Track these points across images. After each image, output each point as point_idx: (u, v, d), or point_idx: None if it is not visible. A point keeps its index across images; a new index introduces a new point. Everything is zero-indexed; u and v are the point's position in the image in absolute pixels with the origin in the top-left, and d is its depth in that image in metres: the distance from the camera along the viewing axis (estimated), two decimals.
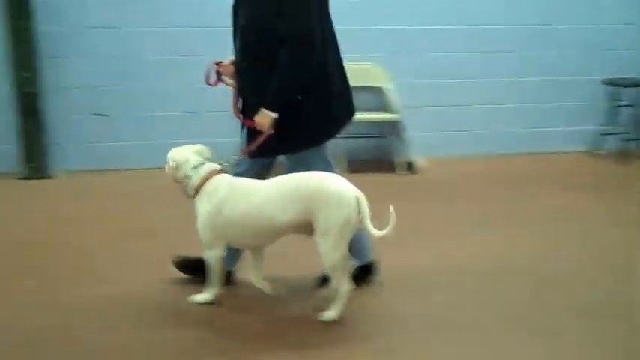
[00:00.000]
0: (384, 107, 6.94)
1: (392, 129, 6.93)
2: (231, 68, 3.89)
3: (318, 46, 3.65)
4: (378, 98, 6.95)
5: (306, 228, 3.55)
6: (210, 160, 3.76)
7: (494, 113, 7.36)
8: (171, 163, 3.74)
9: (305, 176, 3.58)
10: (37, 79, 6.21)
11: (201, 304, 3.77)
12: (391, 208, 3.48)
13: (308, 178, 3.55)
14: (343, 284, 3.57)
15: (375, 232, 3.51)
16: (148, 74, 6.54)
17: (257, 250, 3.83)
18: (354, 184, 3.50)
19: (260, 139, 3.71)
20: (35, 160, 6.33)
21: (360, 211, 3.48)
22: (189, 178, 3.69)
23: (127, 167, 6.51)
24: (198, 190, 3.68)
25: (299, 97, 3.72)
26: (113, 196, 5.87)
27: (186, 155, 3.74)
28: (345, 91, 3.93)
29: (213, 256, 3.70)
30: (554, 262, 4.43)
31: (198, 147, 3.81)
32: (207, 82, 3.95)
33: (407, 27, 7.01)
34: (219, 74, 3.94)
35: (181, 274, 4.08)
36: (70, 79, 6.39)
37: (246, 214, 3.57)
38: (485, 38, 7.18)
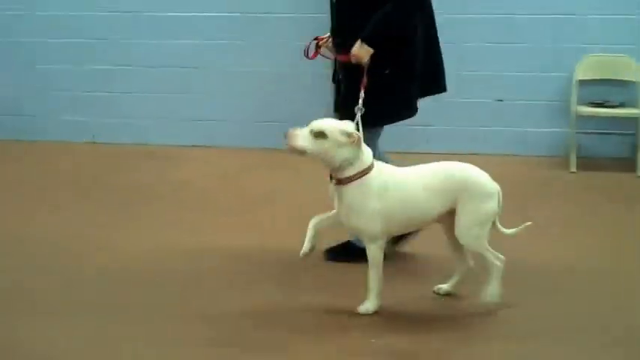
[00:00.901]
0: (634, 102, 6.41)
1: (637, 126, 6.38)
2: (330, 41, 4.04)
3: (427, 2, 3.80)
4: (627, 93, 6.47)
5: (447, 217, 3.52)
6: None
7: None
8: (346, 137, 3.33)
9: (451, 167, 3.55)
10: None
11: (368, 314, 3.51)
12: (528, 223, 3.54)
13: (454, 169, 3.53)
14: (496, 260, 3.48)
15: (503, 229, 3.54)
16: (462, 58, 6.49)
17: None
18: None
19: (363, 80, 3.71)
20: None
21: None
22: (356, 158, 3.36)
23: (430, 151, 6.50)
24: (357, 176, 3.38)
25: (387, 72, 3.78)
26: None
27: (352, 128, 3.41)
28: (432, 69, 3.96)
29: (379, 247, 3.46)
30: None
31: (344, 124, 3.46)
32: (307, 56, 4.07)
33: None
34: (318, 47, 4.05)
35: None
36: None
37: (401, 205, 3.45)
38: None
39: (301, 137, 3.35)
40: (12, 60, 7.19)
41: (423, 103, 6.49)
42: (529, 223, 3.57)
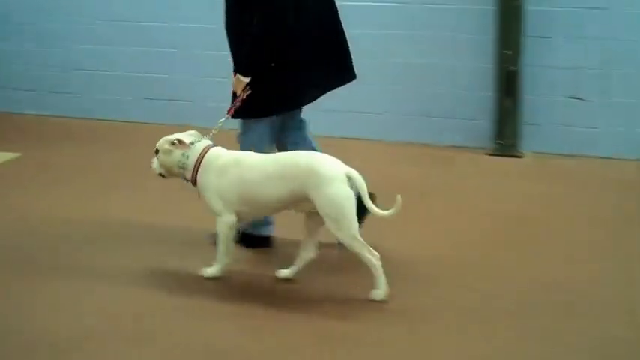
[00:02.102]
0: None
1: None
2: None
3: (290, 15, 3.90)
4: None
5: (301, 205, 3.71)
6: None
7: None
8: (169, 145, 3.88)
9: (295, 155, 3.81)
10: (518, 57, 6.26)
11: (209, 278, 3.91)
12: (398, 197, 3.57)
13: (298, 158, 3.74)
14: (370, 258, 3.60)
15: (377, 211, 3.64)
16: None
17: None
18: None
19: (236, 101, 4.02)
20: (506, 137, 6.40)
21: (356, 189, 3.59)
22: (187, 157, 3.85)
23: (599, 155, 6.24)
24: (197, 166, 3.84)
25: (272, 64, 3.96)
26: (578, 182, 5.72)
27: (178, 136, 3.90)
28: (319, 62, 4.09)
29: (224, 222, 3.81)
30: None
31: (194, 132, 3.99)
32: None
33: None
34: None
35: None
36: (551, 59, 6.30)
37: (241, 187, 3.75)
38: None
39: (154, 163, 3.98)
40: (89, 40, 7.42)
41: (591, 105, 6.32)
42: (399, 198, 3.61)
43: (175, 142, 3.89)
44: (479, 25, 6.39)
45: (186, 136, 3.92)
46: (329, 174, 3.61)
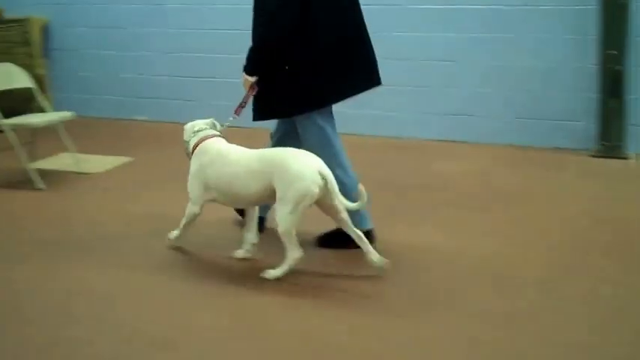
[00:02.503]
0: None
1: None
2: None
3: (291, 18, 3.96)
4: None
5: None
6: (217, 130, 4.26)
7: None
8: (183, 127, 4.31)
9: (273, 151, 4.01)
10: (624, 57, 6.15)
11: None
12: (360, 186, 3.80)
13: (274, 154, 3.95)
14: (293, 251, 3.85)
15: (347, 204, 3.82)
16: None
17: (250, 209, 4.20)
18: None
19: (243, 101, 4.22)
20: (612, 138, 6.29)
21: (326, 186, 3.76)
22: (188, 142, 4.21)
23: None
24: (193, 151, 4.16)
25: (286, 67, 4.06)
26: None
27: (194, 123, 4.28)
28: (343, 66, 4.12)
29: (191, 210, 4.16)
30: None
31: (210, 120, 4.30)
32: None
33: None
34: None
35: None
36: None
37: (224, 179, 4.01)
38: None
39: None
40: (196, 49, 7.76)
41: None
42: (361, 188, 3.79)
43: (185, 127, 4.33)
44: (580, 25, 6.33)
45: (201, 123, 4.27)
46: (297, 170, 3.77)
